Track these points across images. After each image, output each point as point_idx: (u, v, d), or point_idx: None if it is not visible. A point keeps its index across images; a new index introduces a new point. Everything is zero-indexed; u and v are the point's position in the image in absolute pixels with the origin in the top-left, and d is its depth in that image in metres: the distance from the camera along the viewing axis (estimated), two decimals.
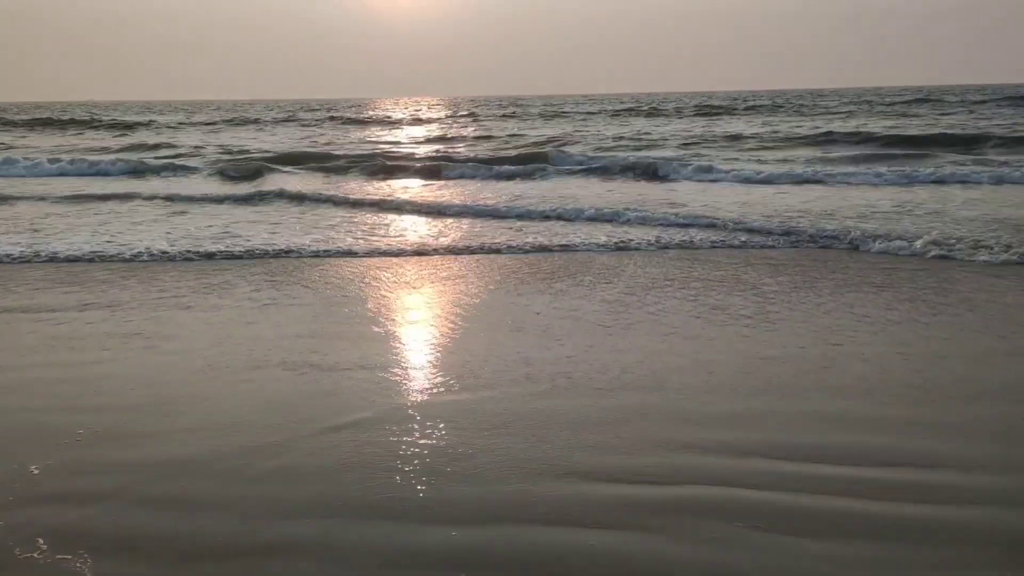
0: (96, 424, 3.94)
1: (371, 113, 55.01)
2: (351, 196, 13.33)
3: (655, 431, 3.79)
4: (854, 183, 13.94)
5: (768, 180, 14.58)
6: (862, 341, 5.09)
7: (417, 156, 21.46)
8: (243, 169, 18.02)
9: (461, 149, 24.13)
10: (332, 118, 46.51)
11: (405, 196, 13.36)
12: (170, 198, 13.58)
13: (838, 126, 28.11)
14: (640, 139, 26.04)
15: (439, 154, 22.09)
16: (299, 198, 13.14)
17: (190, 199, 13.46)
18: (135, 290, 6.85)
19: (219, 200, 13.32)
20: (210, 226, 10.40)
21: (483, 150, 23.18)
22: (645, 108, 49.69)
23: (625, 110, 48.14)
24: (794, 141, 23.63)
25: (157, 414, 4.08)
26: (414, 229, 10.20)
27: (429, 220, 11.05)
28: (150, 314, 6.06)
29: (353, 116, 49.46)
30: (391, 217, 11.36)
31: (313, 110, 63.42)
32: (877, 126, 27.69)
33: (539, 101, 78.27)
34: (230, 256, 8.41)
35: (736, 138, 24.72)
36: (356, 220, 10.97)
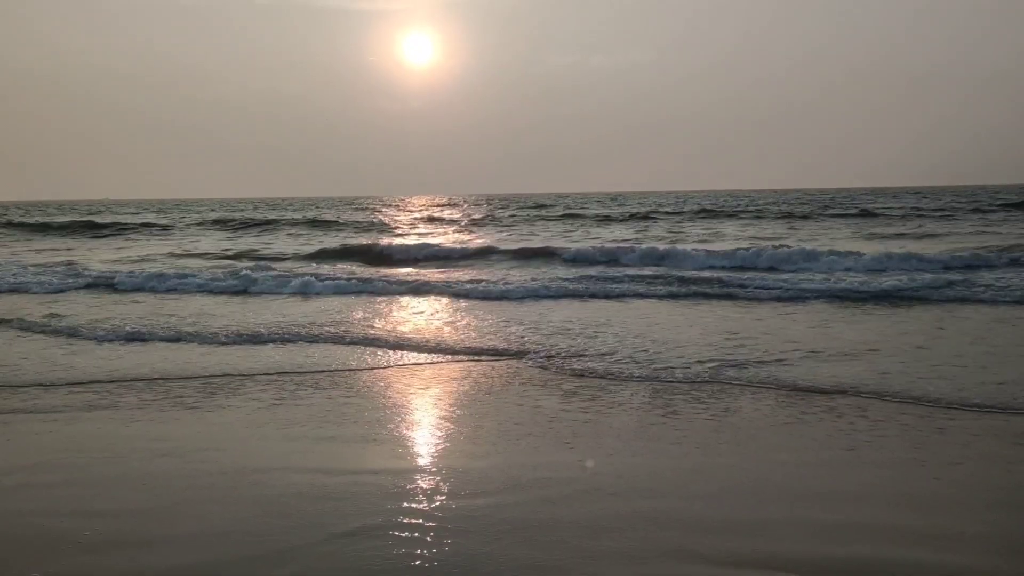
0: (99, 529, 3.87)
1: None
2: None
3: (667, 539, 3.71)
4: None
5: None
6: (876, 446, 5.03)
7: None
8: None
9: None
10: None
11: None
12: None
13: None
14: None
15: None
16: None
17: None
18: (140, 390, 6.83)
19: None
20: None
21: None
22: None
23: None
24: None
25: (160, 519, 4.01)
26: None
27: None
28: (155, 414, 6.03)
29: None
30: None
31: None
32: None
33: (542, 199, 78.27)
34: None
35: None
36: None
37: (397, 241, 27.69)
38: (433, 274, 16.86)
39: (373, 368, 7.65)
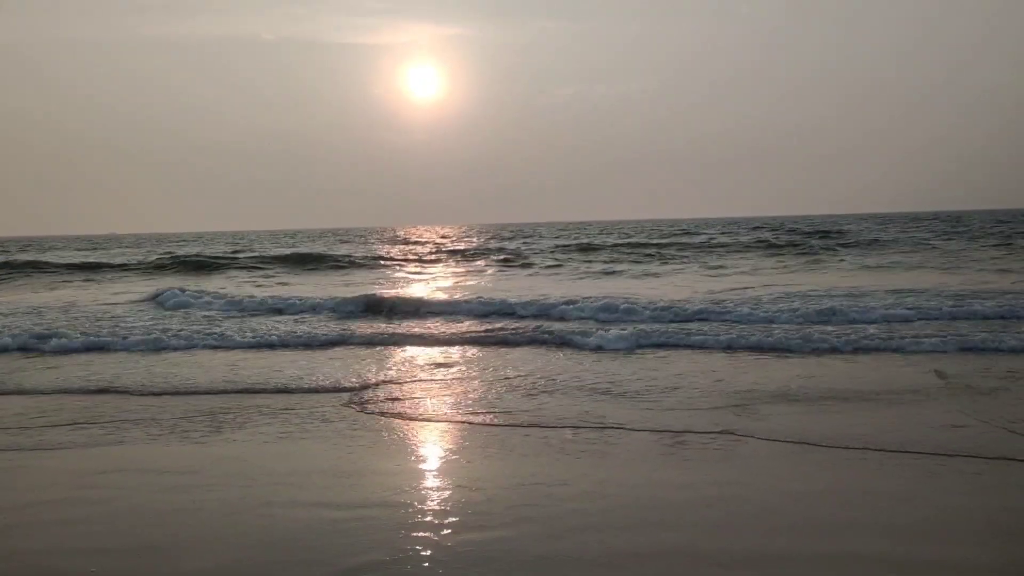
0: (104, 566, 3.83)
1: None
2: None
3: (678, 574, 3.64)
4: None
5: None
6: (887, 472, 4.96)
7: None
8: None
9: None
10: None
11: None
12: None
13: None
14: None
15: None
16: None
17: None
18: (146, 425, 6.78)
19: None
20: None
21: None
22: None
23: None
24: None
25: (167, 555, 3.97)
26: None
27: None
28: (160, 448, 5.98)
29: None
30: None
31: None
32: None
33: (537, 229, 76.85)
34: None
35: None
36: None
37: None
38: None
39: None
